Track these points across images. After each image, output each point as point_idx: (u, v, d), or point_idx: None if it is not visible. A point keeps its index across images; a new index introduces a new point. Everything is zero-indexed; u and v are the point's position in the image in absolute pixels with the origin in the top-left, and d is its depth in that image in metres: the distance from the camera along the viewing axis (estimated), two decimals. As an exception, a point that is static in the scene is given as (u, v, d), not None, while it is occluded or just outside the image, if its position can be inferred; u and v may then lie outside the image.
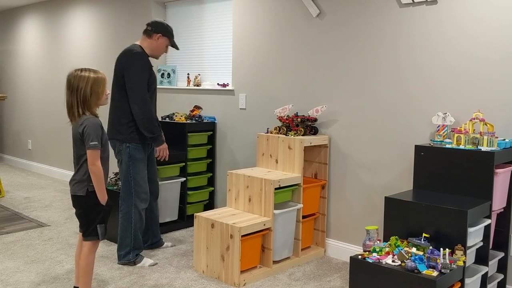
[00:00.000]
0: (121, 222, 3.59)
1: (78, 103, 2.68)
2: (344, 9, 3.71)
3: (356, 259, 2.57)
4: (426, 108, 3.32)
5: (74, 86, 2.68)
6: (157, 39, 3.59)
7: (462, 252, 2.52)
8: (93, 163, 2.67)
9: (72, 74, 2.71)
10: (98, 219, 2.78)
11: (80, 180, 2.74)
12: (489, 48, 3.04)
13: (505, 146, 2.87)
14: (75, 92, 2.68)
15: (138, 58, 3.51)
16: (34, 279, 3.29)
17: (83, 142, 2.69)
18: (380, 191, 3.54)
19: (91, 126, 2.66)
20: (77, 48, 6.31)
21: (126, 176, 3.58)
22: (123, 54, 3.57)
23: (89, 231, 2.78)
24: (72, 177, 2.79)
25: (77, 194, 2.75)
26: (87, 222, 2.79)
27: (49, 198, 5.55)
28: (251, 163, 4.28)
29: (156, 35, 3.58)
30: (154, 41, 3.59)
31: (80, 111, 2.68)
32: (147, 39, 3.60)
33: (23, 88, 7.46)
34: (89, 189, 2.73)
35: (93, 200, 2.74)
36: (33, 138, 7.33)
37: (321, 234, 3.91)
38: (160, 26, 3.61)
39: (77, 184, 2.75)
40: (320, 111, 3.77)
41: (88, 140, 2.65)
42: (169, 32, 3.65)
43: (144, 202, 3.62)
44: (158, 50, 3.64)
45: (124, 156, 3.55)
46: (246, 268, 3.35)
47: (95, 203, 2.75)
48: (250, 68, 4.39)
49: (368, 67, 3.60)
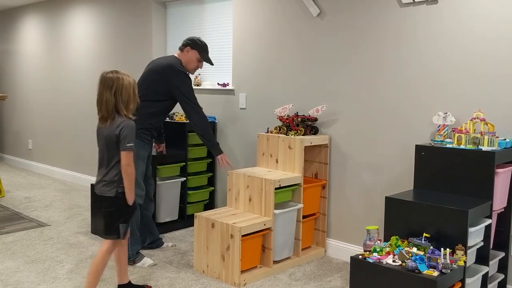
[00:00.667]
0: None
1: (118, 105, 2.72)
2: (344, 9, 3.70)
3: (357, 259, 2.57)
4: (427, 108, 3.31)
5: (117, 88, 2.71)
6: (187, 53, 3.70)
7: (462, 252, 2.51)
8: (129, 164, 2.72)
9: (114, 76, 2.73)
10: (122, 219, 2.81)
11: (110, 181, 2.77)
12: (490, 48, 3.04)
13: (505, 146, 2.86)
14: (118, 94, 2.71)
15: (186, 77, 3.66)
16: (34, 279, 3.28)
17: (117, 144, 2.71)
18: (381, 191, 3.54)
19: (128, 128, 2.71)
20: (77, 48, 6.31)
21: None
22: (168, 66, 3.62)
23: (111, 230, 2.81)
24: (101, 178, 2.81)
25: (106, 195, 2.78)
26: (110, 222, 2.82)
27: (49, 198, 5.55)
28: (251, 163, 4.27)
29: (186, 48, 3.70)
30: (185, 54, 3.71)
31: (121, 113, 2.73)
32: (180, 53, 3.74)
33: (24, 88, 7.46)
34: (119, 190, 2.76)
35: (121, 201, 2.78)
36: (33, 138, 7.33)
37: (321, 234, 3.91)
38: (190, 40, 3.74)
39: (106, 185, 2.78)
40: (320, 111, 3.77)
41: (124, 142, 2.69)
42: (198, 46, 3.73)
43: (140, 198, 3.64)
44: (191, 64, 3.72)
45: None
46: (247, 268, 3.35)
47: (123, 204, 2.78)
48: (250, 68, 4.39)
49: (368, 66, 3.60)
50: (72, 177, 6.51)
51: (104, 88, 2.71)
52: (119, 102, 2.71)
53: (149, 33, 5.28)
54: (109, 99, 2.70)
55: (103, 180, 2.79)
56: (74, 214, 4.87)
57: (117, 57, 5.72)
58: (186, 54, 3.70)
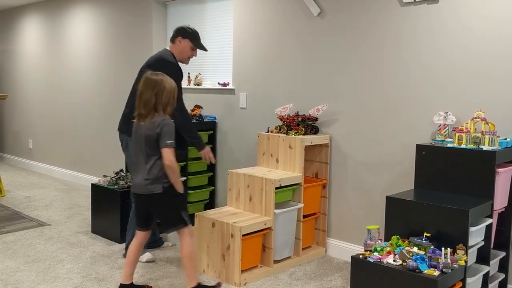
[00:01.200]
0: (130, 216, 3.68)
1: (157, 106, 2.82)
2: (345, 8, 3.70)
3: (357, 258, 2.57)
4: (428, 107, 3.31)
5: (159, 90, 2.82)
6: (179, 43, 3.63)
7: (463, 251, 2.51)
8: (171, 160, 2.81)
9: (158, 78, 2.84)
10: (180, 207, 2.94)
11: (155, 178, 2.85)
12: (491, 47, 3.03)
13: (506, 145, 2.86)
14: (160, 96, 2.82)
15: (174, 68, 3.56)
16: (34, 279, 3.28)
17: (157, 142, 2.81)
18: (381, 191, 3.54)
19: (168, 126, 2.82)
20: (78, 48, 6.30)
21: None
22: (158, 59, 3.56)
23: (177, 221, 2.92)
24: (145, 177, 2.87)
25: (155, 192, 2.86)
26: (170, 215, 2.93)
27: (49, 198, 5.55)
28: (251, 163, 4.27)
29: (177, 39, 3.63)
30: (177, 45, 3.64)
31: (159, 113, 2.82)
32: (172, 45, 3.67)
33: (24, 88, 7.46)
34: (164, 185, 2.86)
35: (170, 193, 2.88)
36: (33, 138, 7.33)
37: (322, 233, 3.90)
38: (180, 29, 3.65)
39: (152, 183, 2.86)
40: (321, 110, 3.77)
41: (165, 139, 2.80)
42: (189, 34, 3.65)
43: None
44: (184, 53, 3.65)
45: None
46: (247, 267, 3.35)
47: (173, 194, 2.89)
48: (251, 67, 4.38)
49: (369, 66, 3.59)
50: (72, 177, 6.51)
51: (146, 88, 2.83)
52: (158, 103, 2.82)
53: (149, 33, 5.28)
54: (150, 99, 2.81)
55: (148, 178, 2.86)
56: (74, 214, 4.87)
57: (117, 56, 5.71)
58: (179, 44, 3.62)
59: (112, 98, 5.82)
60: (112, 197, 4.07)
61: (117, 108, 5.75)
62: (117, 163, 5.46)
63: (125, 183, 4.15)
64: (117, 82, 5.73)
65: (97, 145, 6.11)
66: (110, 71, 5.84)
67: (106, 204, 4.14)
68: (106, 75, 5.91)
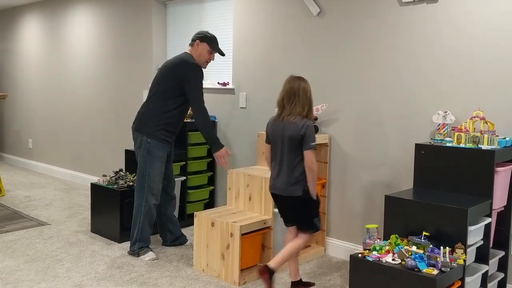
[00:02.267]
0: (133, 214, 3.73)
1: (305, 108, 2.93)
2: (345, 8, 3.70)
3: (356, 257, 2.57)
4: (427, 107, 3.31)
5: (304, 93, 2.93)
6: (197, 46, 3.69)
7: (462, 250, 2.51)
8: (313, 162, 2.89)
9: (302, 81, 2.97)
10: (314, 213, 3.01)
11: (297, 181, 2.91)
12: (490, 46, 3.04)
13: (505, 144, 2.86)
14: (305, 98, 2.94)
15: (198, 70, 3.66)
16: (34, 278, 3.29)
17: (300, 144, 2.88)
18: (380, 190, 3.54)
19: (311, 128, 2.90)
20: (77, 47, 6.31)
21: (141, 170, 3.69)
22: (181, 61, 3.65)
23: (309, 226, 3.01)
24: (286, 179, 2.93)
25: (295, 195, 2.92)
26: (305, 219, 3.00)
27: (49, 197, 5.55)
28: (251, 162, 4.27)
29: (196, 42, 3.70)
30: (195, 48, 3.70)
31: (303, 115, 2.92)
32: (190, 48, 3.73)
33: (24, 87, 7.46)
34: (304, 188, 2.91)
35: (308, 197, 2.93)
36: (33, 137, 7.34)
37: (321, 232, 3.90)
38: (199, 34, 3.73)
39: (294, 185, 2.92)
40: (320, 110, 3.77)
41: (308, 142, 2.87)
42: (207, 38, 3.72)
43: (156, 198, 3.71)
44: (202, 57, 3.72)
45: (143, 150, 3.65)
46: (246, 266, 3.35)
47: (310, 199, 2.94)
48: (251, 67, 4.39)
49: (369, 65, 3.60)
50: (72, 176, 6.51)
51: (292, 90, 2.94)
52: (304, 106, 2.92)
53: (149, 32, 5.28)
54: (296, 101, 2.92)
55: (290, 181, 2.92)
56: (74, 213, 4.87)
57: (117, 56, 5.72)
58: (197, 48, 3.69)
59: (112, 98, 5.83)
60: (111, 196, 4.07)
61: (116, 107, 5.77)
62: (116, 163, 5.47)
63: (124, 182, 4.15)
64: (117, 81, 5.74)
65: (96, 144, 6.11)
66: (110, 70, 5.84)
67: (106, 204, 4.14)
68: (106, 75, 5.92)
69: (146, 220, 3.68)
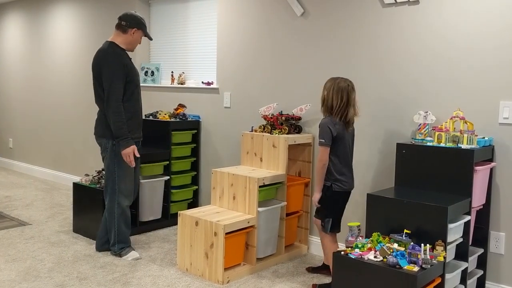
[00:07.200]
0: (107, 218, 3.67)
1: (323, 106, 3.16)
2: (328, 9, 3.74)
3: (339, 255, 2.60)
4: (408, 107, 3.36)
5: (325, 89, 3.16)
6: (132, 34, 3.61)
7: (442, 247, 2.56)
8: (319, 159, 3.14)
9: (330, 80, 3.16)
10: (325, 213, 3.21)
11: None
12: (471, 46, 3.10)
13: (484, 144, 2.92)
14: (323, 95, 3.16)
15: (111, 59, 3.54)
16: (15, 278, 3.24)
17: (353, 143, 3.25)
18: (363, 189, 3.58)
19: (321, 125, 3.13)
20: (59, 46, 6.24)
21: (110, 173, 3.60)
22: (96, 55, 3.63)
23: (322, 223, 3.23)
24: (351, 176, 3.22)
25: None
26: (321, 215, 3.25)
27: (30, 197, 5.48)
28: (235, 162, 4.28)
29: (132, 30, 3.60)
30: (130, 36, 3.62)
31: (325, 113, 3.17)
32: (122, 34, 3.61)
33: (4, 86, 7.34)
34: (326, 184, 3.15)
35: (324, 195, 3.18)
36: (14, 137, 7.22)
37: (304, 231, 3.93)
38: (134, 20, 3.61)
39: None
40: (304, 110, 3.80)
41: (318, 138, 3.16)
42: (143, 24, 3.66)
43: (128, 199, 3.65)
44: (134, 43, 3.68)
45: (110, 153, 3.57)
46: (230, 265, 3.35)
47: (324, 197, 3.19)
48: (235, 67, 4.39)
49: (351, 66, 3.63)
50: (53, 176, 6.43)
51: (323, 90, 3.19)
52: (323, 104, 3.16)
53: (132, 31, 5.24)
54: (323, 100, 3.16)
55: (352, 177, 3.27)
56: (56, 213, 4.82)
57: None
58: (132, 35, 3.60)
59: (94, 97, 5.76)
60: (94, 196, 4.04)
61: (99, 107, 5.70)
62: (98, 162, 5.39)
63: (107, 182, 4.11)
64: (99, 80, 5.68)
65: (78, 144, 6.05)
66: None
67: (88, 203, 4.11)
68: (88, 74, 5.81)
69: (121, 222, 3.62)
